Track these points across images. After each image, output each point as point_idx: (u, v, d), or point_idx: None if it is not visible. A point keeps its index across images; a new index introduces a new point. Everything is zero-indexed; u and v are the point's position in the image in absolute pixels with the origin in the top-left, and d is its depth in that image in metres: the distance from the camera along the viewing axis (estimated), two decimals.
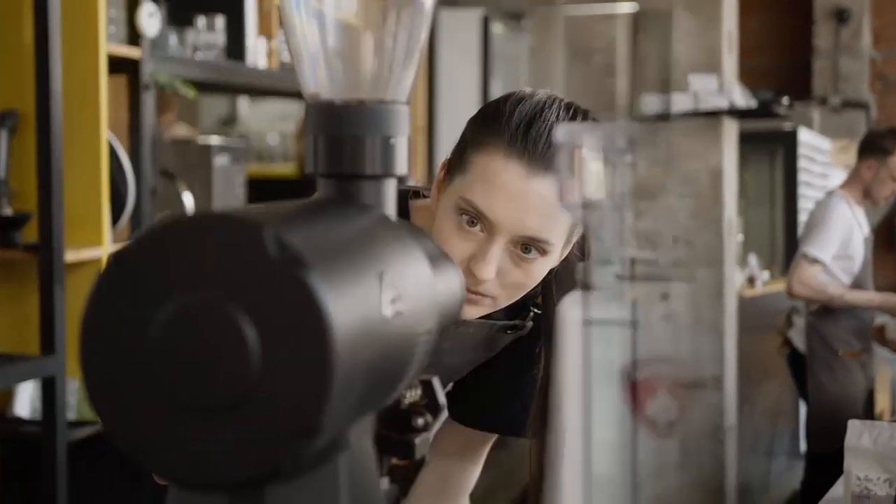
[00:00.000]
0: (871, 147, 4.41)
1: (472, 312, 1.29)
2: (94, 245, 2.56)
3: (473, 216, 1.24)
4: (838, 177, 8.50)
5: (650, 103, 5.23)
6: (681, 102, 5.15)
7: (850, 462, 1.88)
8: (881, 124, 9.92)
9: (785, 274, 6.86)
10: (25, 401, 2.61)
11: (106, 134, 2.56)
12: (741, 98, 5.43)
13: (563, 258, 1.33)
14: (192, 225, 0.63)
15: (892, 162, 4.34)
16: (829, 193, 4.58)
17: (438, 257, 0.87)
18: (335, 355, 0.61)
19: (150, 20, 2.68)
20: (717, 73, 5.23)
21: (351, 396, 0.66)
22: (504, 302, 1.29)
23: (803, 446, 5.14)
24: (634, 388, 0.70)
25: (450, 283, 0.86)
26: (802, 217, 7.12)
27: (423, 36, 0.84)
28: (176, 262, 0.63)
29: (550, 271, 1.31)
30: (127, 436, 0.63)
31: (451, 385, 1.45)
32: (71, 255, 2.47)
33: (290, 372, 0.61)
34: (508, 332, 1.40)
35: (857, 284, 4.40)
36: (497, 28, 6.00)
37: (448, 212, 1.26)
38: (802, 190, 7.20)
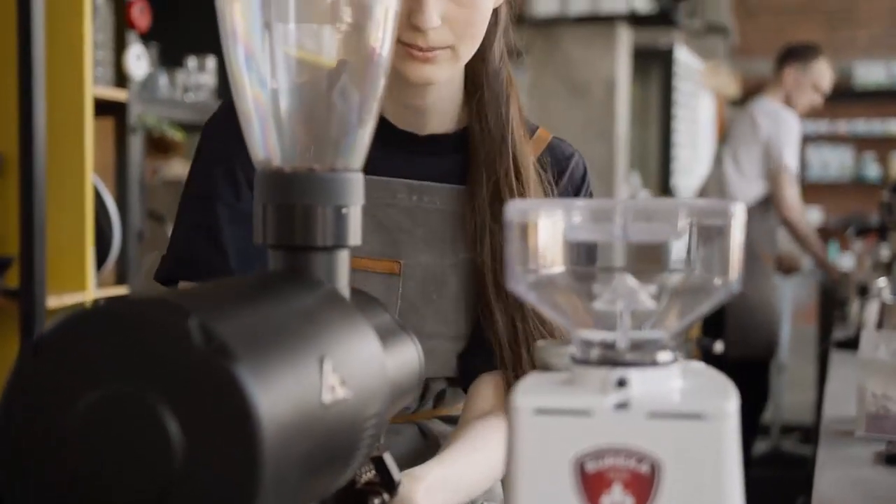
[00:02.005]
0: (793, 54, 4.50)
1: (438, 73, 1.20)
2: (78, 290, 2.53)
3: None
4: (706, 98, 8.53)
5: (544, 4, 5.19)
6: (577, 4, 5.12)
7: (863, 377, 1.70)
8: (741, 50, 10.00)
9: (663, 194, 6.88)
10: None
11: (91, 177, 2.54)
12: (641, 1, 5.40)
13: None
14: (114, 311, 0.59)
15: (814, 69, 4.46)
16: (762, 100, 4.57)
17: (393, 331, 0.84)
18: (264, 450, 0.58)
19: (138, 62, 2.66)
20: None
21: (286, 489, 0.62)
22: (466, 50, 1.20)
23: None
24: (588, 481, 0.67)
25: (405, 357, 0.83)
26: (677, 138, 7.12)
27: (376, 102, 0.81)
28: (97, 350, 0.59)
29: None
30: None
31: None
32: (53, 301, 2.43)
33: (216, 468, 0.58)
34: None
35: None
36: None
37: None
38: (674, 110, 7.18)
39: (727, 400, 0.65)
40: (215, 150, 1.24)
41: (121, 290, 2.74)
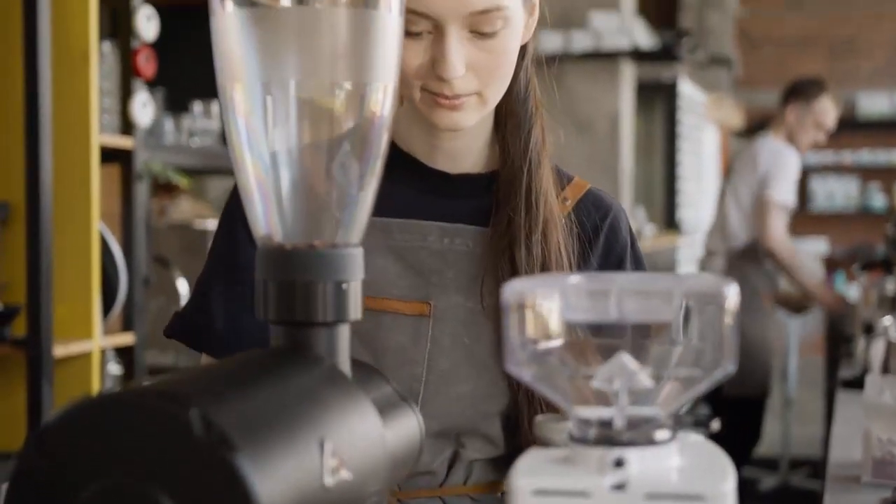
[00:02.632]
0: (796, 92, 4.49)
1: (465, 119, 1.17)
2: (85, 338, 2.54)
3: (411, 21, 1.12)
4: (711, 131, 8.54)
5: (548, 41, 5.19)
6: (580, 40, 5.13)
7: (869, 421, 1.69)
8: (744, 82, 10.03)
9: (669, 228, 6.88)
10: None
11: (98, 225, 2.55)
12: (644, 37, 5.40)
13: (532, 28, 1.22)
14: (116, 402, 0.60)
15: (816, 107, 4.44)
16: (765, 138, 4.58)
17: (394, 403, 0.84)
18: None
19: (144, 110, 2.68)
20: (616, 10, 5.20)
21: None
22: (494, 94, 1.17)
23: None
24: None
25: (405, 430, 0.83)
26: (682, 171, 7.11)
27: (375, 178, 0.81)
28: (100, 442, 0.60)
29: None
30: None
31: None
32: (60, 350, 2.44)
33: None
34: None
35: None
36: None
37: None
38: (679, 142, 7.17)
39: (725, 480, 0.66)
40: (230, 217, 1.26)
41: (127, 337, 2.75)
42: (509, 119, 1.24)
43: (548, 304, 0.70)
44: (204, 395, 0.61)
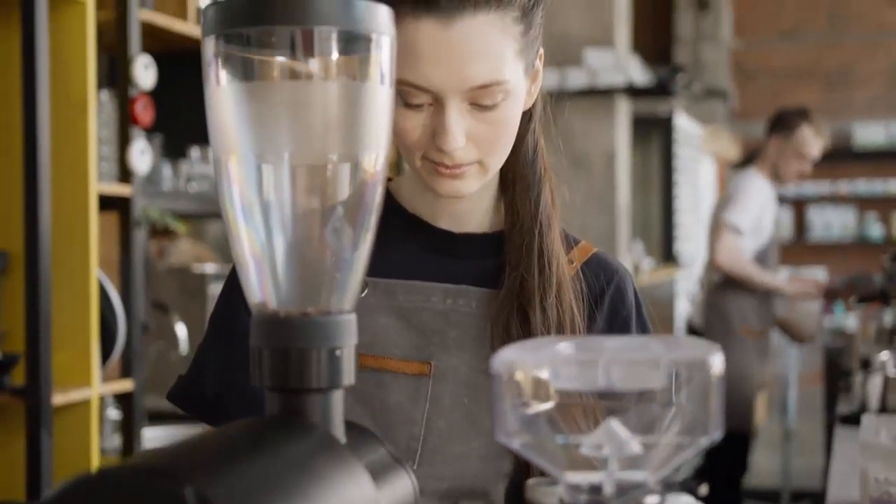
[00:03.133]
0: (778, 123, 4.53)
1: (466, 187, 1.17)
2: (84, 385, 2.54)
3: (411, 94, 1.13)
4: (708, 163, 8.57)
5: (543, 78, 5.20)
6: (576, 78, 5.16)
7: (865, 462, 1.70)
8: (740, 113, 10.08)
9: (666, 261, 6.89)
10: None
11: (96, 272, 2.56)
12: (639, 73, 5.42)
13: (535, 91, 1.22)
14: (111, 479, 0.61)
15: (796, 138, 4.48)
16: (746, 171, 4.63)
17: (388, 465, 0.85)
18: None
19: (142, 157, 2.70)
20: (611, 47, 5.23)
21: None
22: (495, 162, 1.17)
23: None
24: None
25: (399, 493, 0.84)
26: (678, 204, 7.13)
27: (367, 245, 0.83)
28: None
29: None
30: None
31: None
32: (59, 398, 2.45)
33: None
34: None
35: (759, 260, 4.45)
36: None
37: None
38: (676, 176, 7.19)
39: None
40: (230, 285, 1.28)
41: (126, 384, 2.76)
42: (518, 182, 1.24)
43: (537, 373, 0.71)
44: (198, 470, 0.62)
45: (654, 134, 7.03)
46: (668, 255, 7.20)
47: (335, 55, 0.79)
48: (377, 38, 0.80)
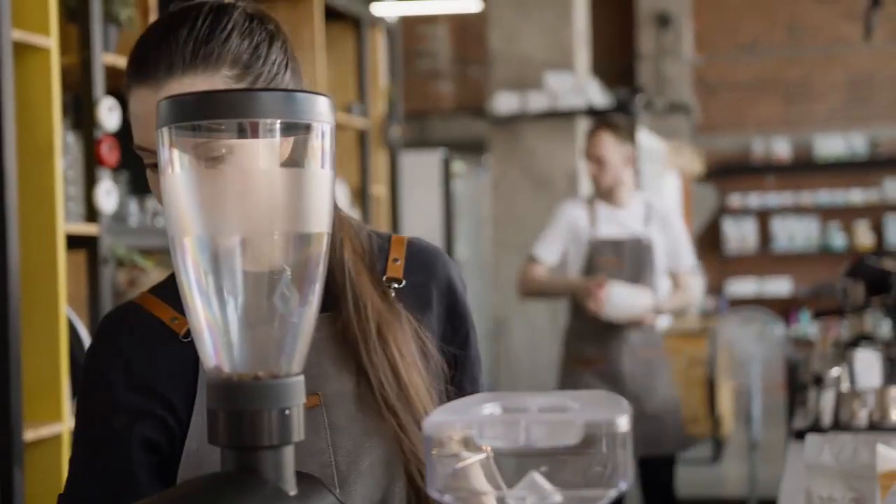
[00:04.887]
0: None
1: None
2: (55, 421, 2.60)
3: (146, 156, 1.20)
4: (672, 177, 8.70)
5: (505, 102, 5.24)
6: (537, 101, 5.20)
7: (810, 481, 1.76)
8: (703, 127, 10.23)
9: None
10: None
11: (65, 310, 2.62)
12: (598, 96, 5.48)
13: None
14: None
15: (587, 140, 4.22)
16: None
17: None
18: None
19: (108, 197, 2.76)
20: (571, 70, 5.29)
21: None
22: None
23: None
24: None
25: None
26: None
27: (312, 312, 0.90)
28: None
29: None
30: None
31: None
32: (30, 434, 2.50)
33: None
34: None
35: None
36: (458, 167, 6.15)
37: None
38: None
39: None
40: (87, 390, 1.28)
41: None
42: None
43: (464, 433, 0.79)
44: None
45: None
46: None
47: (278, 143, 0.86)
48: (318, 126, 0.88)
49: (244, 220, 0.87)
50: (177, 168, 0.87)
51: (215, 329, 0.89)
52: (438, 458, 0.79)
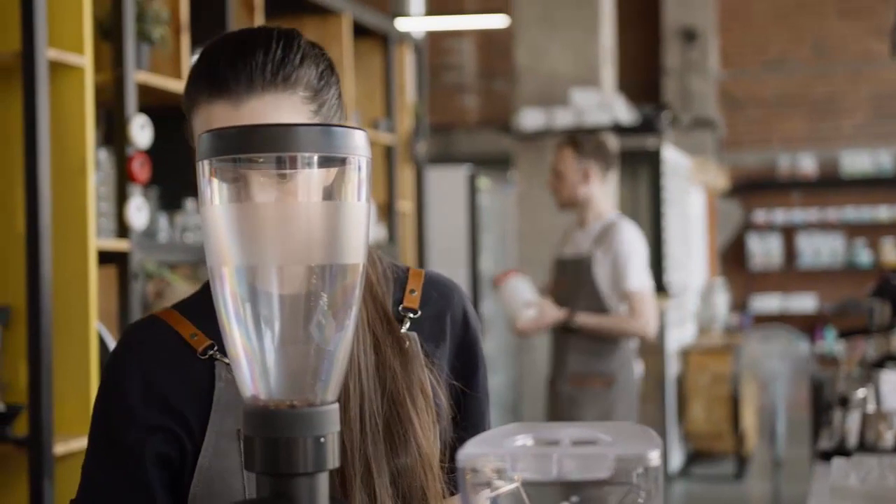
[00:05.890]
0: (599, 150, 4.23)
1: None
2: (84, 435, 2.62)
3: None
4: (697, 193, 8.66)
5: (531, 118, 5.23)
6: (563, 117, 5.20)
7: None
8: (729, 143, 10.18)
9: (657, 292, 6.95)
10: None
11: (95, 325, 2.65)
12: (624, 112, 5.46)
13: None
14: None
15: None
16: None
17: None
18: None
19: (139, 214, 2.79)
20: (597, 87, 5.27)
21: None
22: None
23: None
24: None
25: None
26: (668, 234, 7.21)
27: (347, 342, 0.92)
28: None
29: None
30: None
31: None
32: (60, 448, 2.53)
33: None
34: None
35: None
36: (483, 182, 6.16)
37: None
38: (664, 208, 7.26)
39: None
40: (107, 396, 1.29)
41: None
42: None
43: (497, 465, 0.80)
44: None
45: (642, 167, 7.13)
46: (658, 285, 7.29)
47: (315, 177, 0.88)
48: (354, 160, 0.89)
49: (282, 251, 0.89)
50: (216, 200, 0.89)
51: (252, 357, 0.91)
52: (472, 486, 0.80)
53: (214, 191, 0.89)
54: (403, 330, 1.31)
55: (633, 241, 4.09)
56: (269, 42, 1.22)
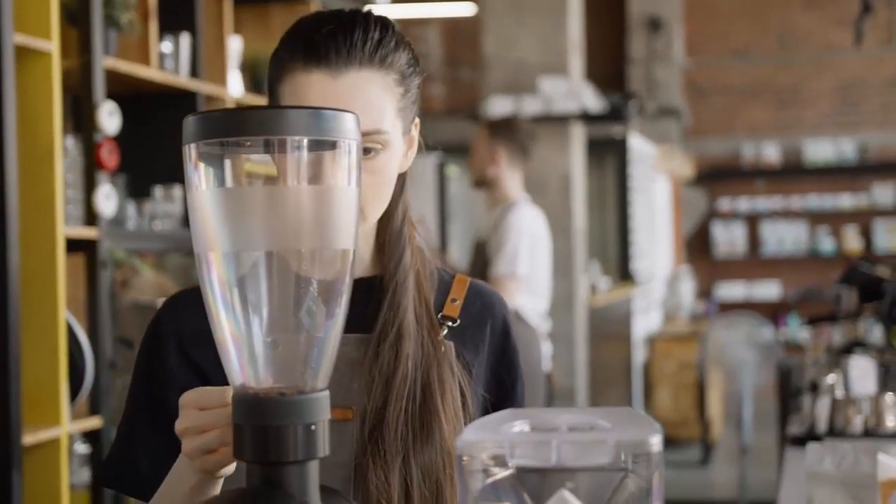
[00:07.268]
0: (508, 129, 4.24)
1: None
2: (53, 425, 2.59)
3: None
4: (662, 181, 8.72)
5: (499, 106, 5.25)
6: (531, 105, 5.21)
7: (812, 489, 1.77)
8: (694, 131, 10.25)
9: (623, 280, 7.03)
10: None
11: (64, 313, 2.61)
12: (592, 100, 5.48)
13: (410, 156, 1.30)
14: None
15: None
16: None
17: None
18: None
19: (107, 201, 2.76)
20: (565, 75, 5.28)
21: None
22: (374, 212, 1.25)
23: None
24: None
25: None
26: (634, 223, 7.26)
27: (337, 330, 0.90)
28: None
29: None
30: None
31: None
32: (29, 438, 2.49)
33: None
34: None
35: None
36: (451, 170, 6.16)
37: None
38: (630, 196, 7.32)
39: None
40: (148, 356, 1.30)
41: (94, 421, 2.81)
42: (386, 245, 1.31)
43: (495, 452, 0.79)
44: None
45: (608, 155, 7.15)
46: (624, 273, 7.33)
47: (305, 161, 0.87)
48: (344, 143, 0.88)
49: (270, 236, 0.88)
50: (203, 184, 0.88)
51: (241, 345, 0.89)
52: (470, 476, 0.79)
53: (201, 175, 0.87)
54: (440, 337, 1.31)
55: (518, 225, 4.02)
56: (368, 23, 1.25)
